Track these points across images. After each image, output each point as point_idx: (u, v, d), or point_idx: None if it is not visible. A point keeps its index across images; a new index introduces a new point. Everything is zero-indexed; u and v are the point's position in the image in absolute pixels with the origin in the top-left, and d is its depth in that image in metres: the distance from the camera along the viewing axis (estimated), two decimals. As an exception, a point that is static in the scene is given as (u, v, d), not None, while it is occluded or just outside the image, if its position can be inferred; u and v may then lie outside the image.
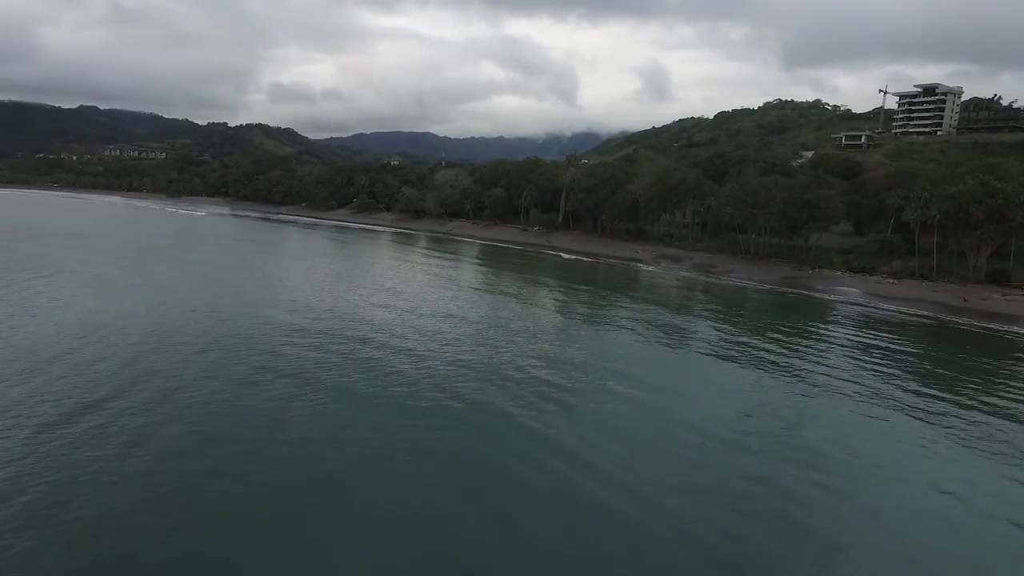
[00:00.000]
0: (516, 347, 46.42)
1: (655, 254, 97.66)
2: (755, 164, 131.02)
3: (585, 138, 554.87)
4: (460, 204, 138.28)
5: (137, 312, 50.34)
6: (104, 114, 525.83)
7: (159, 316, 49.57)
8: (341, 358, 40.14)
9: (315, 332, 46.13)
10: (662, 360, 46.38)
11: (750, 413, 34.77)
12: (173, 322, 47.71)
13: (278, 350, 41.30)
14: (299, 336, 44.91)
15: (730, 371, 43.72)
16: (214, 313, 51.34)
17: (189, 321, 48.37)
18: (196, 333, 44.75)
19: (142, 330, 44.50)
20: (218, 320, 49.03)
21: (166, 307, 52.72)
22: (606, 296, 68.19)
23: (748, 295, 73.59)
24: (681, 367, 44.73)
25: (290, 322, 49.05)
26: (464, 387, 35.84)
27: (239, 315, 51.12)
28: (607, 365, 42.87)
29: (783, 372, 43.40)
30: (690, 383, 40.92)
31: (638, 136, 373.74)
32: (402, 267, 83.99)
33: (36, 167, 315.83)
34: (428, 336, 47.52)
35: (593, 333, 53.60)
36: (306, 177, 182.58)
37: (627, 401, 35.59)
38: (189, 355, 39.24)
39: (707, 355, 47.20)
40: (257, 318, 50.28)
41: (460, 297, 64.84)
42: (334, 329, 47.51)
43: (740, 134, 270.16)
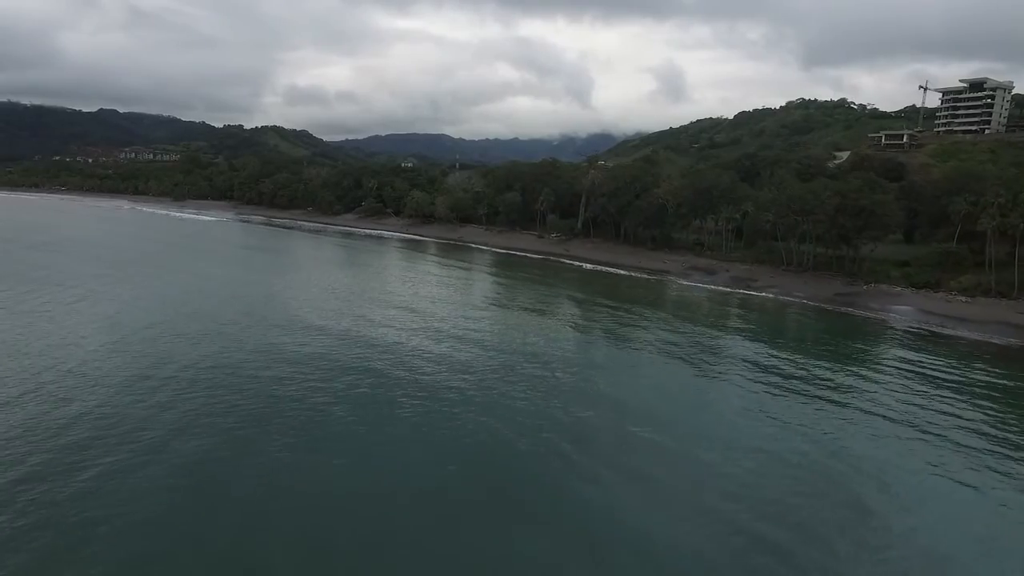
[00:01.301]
0: (535, 380, 40.17)
1: (685, 265, 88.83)
2: (788, 166, 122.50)
3: (600, 139, 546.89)
4: (472, 209, 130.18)
5: (124, 345, 44.27)
6: (123, 117, 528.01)
7: (147, 346, 43.60)
8: (349, 393, 36.71)
9: (321, 361, 42.12)
10: (704, 401, 38.62)
11: (807, 473, 28.35)
12: (163, 350, 43.12)
13: (280, 389, 36.78)
14: (305, 366, 40.85)
15: (788, 414, 36.06)
16: (212, 336, 46.57)
17: (182, 347, 43.75)
18: (186, 361, 40.39)
19: (127, 372, 38.86)
20: (219, 347, 44.08)
21: (157, 331, 46.04)
22: (635, 316, 59.67)
23: (797, 315, 64.70)
24: (729, 410, 36.68)
25: (294, 350, 44.39)
26: (479, 430, 32.37)
27: (239, 342, 45.66)
28: (638, 404, 37.08)
29: (857, 416, 36.24)
30: (740, 433, 33.16)
31: (655, 137, 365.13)
32: (411, 281, 76.01)
33: (45, 170, 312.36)
34: (439, 363, 42.53)
35: (623, 363, 45.66)
36: (312, 180, 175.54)
37: (661, 451, 30.87)
38: (174, 396, 35.27)
39: (761, 393, 38.99)
40: (260, 344, 45.35)
41: (474, 318, 56.99)
42: (341, 356, 43.21)
43: (764, 134, 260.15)
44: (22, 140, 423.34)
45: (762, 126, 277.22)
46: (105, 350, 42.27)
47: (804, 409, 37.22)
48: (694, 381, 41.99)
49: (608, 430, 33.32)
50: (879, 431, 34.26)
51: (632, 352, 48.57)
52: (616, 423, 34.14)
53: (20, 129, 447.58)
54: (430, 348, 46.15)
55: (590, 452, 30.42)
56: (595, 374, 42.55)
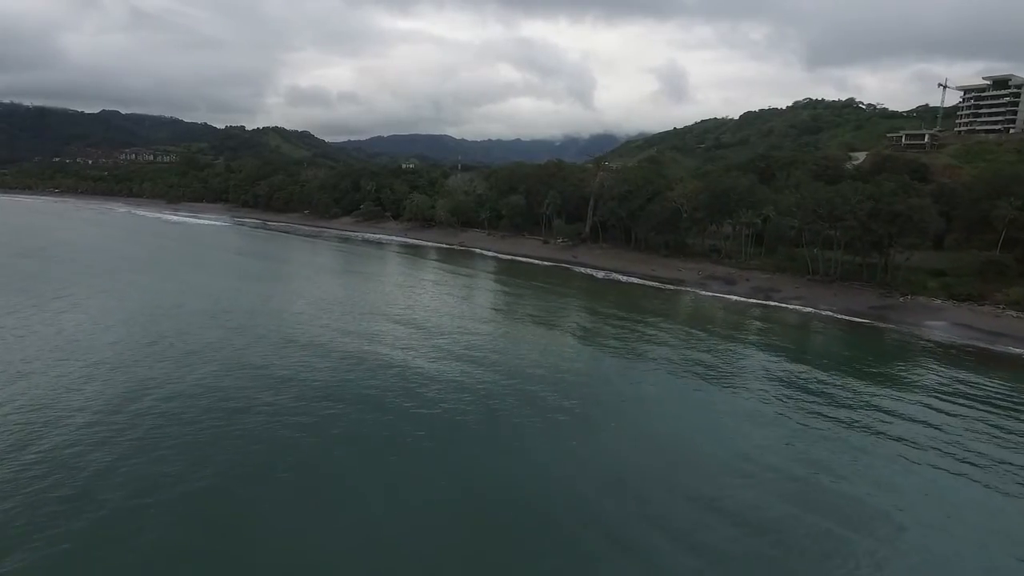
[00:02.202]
0: (553, 411, 34.91)
1: (702, 274, 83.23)
2: (805, 167, 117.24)
3: (603, 140, 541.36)
4: (474, 212, 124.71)
5: (92, 371, 38.58)
6: (125, 118, 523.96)
7: (118, 373, 38.12)
8: (345, 428, 31.99)
9: (315, 389, 37.03)
10: (734, 434, 32.74)
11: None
12: (136, 377, 37.57)
13: (263, 428, 31.21)
14: (296, 397, 35.64)
15: (834, 448, 31.02)
16: (191, 359, 41.15)
17: (159, 372, 38.49)
18: (161, 392, 34.87)
19: (97, 405, 33.40)
20: (198, 373, 38.77)
21: (128, 354, 40.55)
22: (654, 332, 54.01)
23: (828, 330, 59.10)
24: (774, 447, 30.99)
25: (283, 374, 39.05)
26: (496, 478, 27.96)
27: (222, 366, 40.35)
28: (668, 441, 32.40)
29: (910, 451, 30.81)
30: (785, 476, 27.61)
31: (658, 138, 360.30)
32: (411, 291, 70.41)
33: (40, 172, 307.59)
34: (446, 390, 37.57)
35: (648, 390, 40.20)
36: (309, 182, 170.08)
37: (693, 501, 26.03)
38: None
39: (806, 424, 33.44)
40: (244, 368, 40.10)
41: (481, 334, 51.57)
42: (335, 382, 38.15)
43: (772, 134, 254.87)
44: (23, 141, 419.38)
45: (770, 126, 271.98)
46: (68, 379, 36.70)
47: (851, 441, 32.47)
48: (729, 411, 36.46)
49: (638, 473, 28.17)
50: (933, 464, 29.38)
51: (656, 376, 43.00)
52: (647, 465, 28.96)
53: (21, 130, 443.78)
54: (435, 371, 40.74)
55: (623, 507, 25.12)
56: (620, 404, 37.33)
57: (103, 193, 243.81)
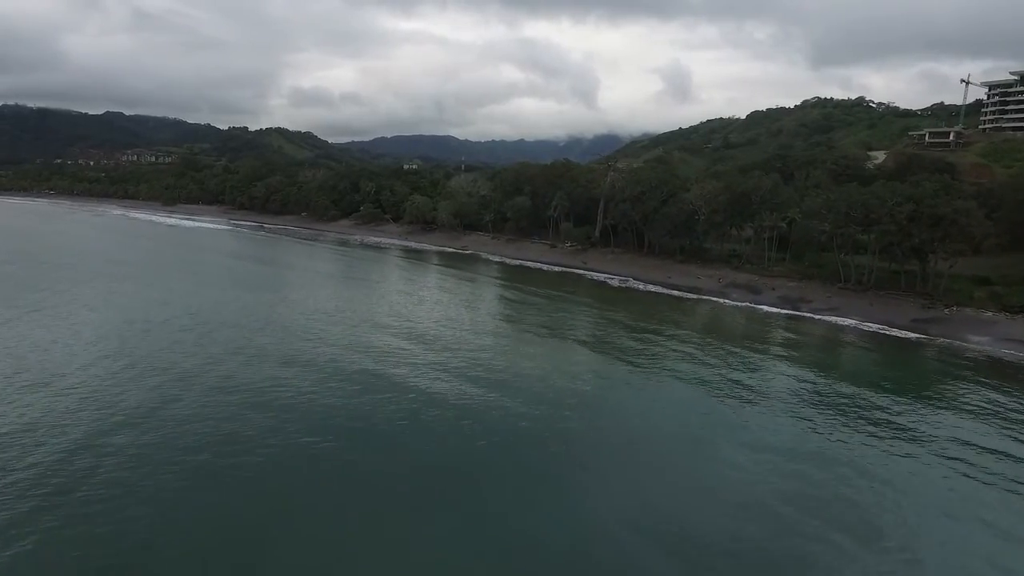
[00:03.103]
0: (579, 444, 29.69)
1: (723, 281, 77.64)
2: (823, 166, 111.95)
3: (607, 140, 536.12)
4: (478, 215, 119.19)
5: (52, 393, 33.55)
6: (128, 119, 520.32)
7: (85, 399, 32.55)
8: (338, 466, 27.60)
9: (306, 414, 32.84)
10: (774, 470, 27.05)
11: None
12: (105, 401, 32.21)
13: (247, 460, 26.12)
14: (287, 423, 31.34)
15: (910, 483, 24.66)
16: (169, 376, 36.78)
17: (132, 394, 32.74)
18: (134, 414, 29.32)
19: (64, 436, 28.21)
20: (172, 391, 34.65)
21: (95, 374, 35.09)
22: (680, 348, 48.43)
23: (869, 346, 53.53)
24: (832, 485, 25.36)
25: (271, 395, 34.54)
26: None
27: (198, 382, 36.22)
28: (691, 478, 26.39)
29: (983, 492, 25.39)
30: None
31: (664, 138, 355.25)
32: (413, 300, 64.84)
33: (37, 173, 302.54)
34: (453, 417, 33.36)
35: (670, 412, 34.61)
36: (307, 183, 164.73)
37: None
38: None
39: (871, 460, 27.78)
40: (225, 387, 35.85)
41: (489, 348, 46.63)
42: (331, 406, 34.05)
43: (781, 134, 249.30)
44: (26, 143, 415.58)
45: (779, 125, 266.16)
46: (27, 414, 31.43)
47: (905, 476, 27.45)
48: (766, 442, 30.95)
49: (679, 520, 22.82)
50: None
51: (683, 397, 37.75)
52: (680, 508, 23.75)
53: (24, 132, 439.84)
54: (440, 393, 36.04)
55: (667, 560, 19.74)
56: (645, 431, 32.25)
57: (99, 195, 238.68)
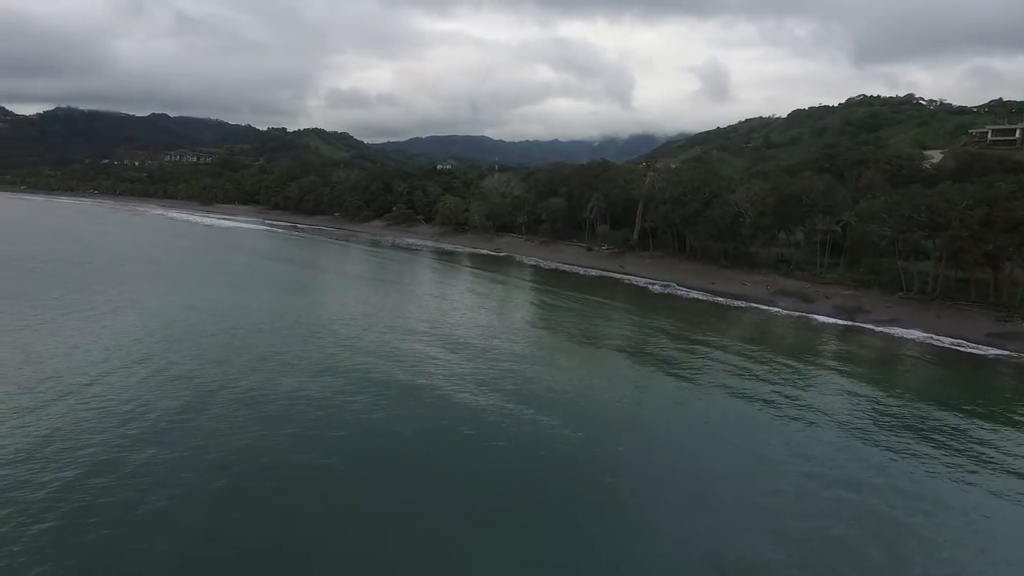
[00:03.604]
0: (617, 467, 26.21)
1: (771, 288, 73.18)
2: (876, 166, 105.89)
3: (642, 140, 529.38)
4: (511, 216, 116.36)
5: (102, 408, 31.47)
6: (173, 121, 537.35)
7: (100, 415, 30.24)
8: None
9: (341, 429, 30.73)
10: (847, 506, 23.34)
11: None
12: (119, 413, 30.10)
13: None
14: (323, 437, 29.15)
15: None
16: (192, 379, 34.24)
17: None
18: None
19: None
20: (187, 394, 32.12)
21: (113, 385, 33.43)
22: (724, 356, 44.67)
23: (941, 364, 48.82)
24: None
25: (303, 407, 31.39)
26: None
27: (225, 387, 34.04)
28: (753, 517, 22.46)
29: None
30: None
31: (701, 137, 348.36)
32: (444, 305, 62.29)
33: (84, 173, 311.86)
34: (482, 430, 31.49)
35: (727, 435, 30.79)
36: (340, 183, 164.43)
37: None
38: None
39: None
40: (252, 395, 32.75)
41: (531, 358, 43.58)
42: (366, 422, 31.73)
43: (826, 133, 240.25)
44: (77, 144, 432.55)
45: (823, 124, 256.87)
46: (50, 415, 29.90)
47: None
48: (835, 473, 27.20)
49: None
50: None
51: (743, 421, 34.00)
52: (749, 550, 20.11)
53: (75, 134, 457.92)
54: (478, 409, 33.72)
55: None
56: (703, 458, 28.43)
57: (141, 194, 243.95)
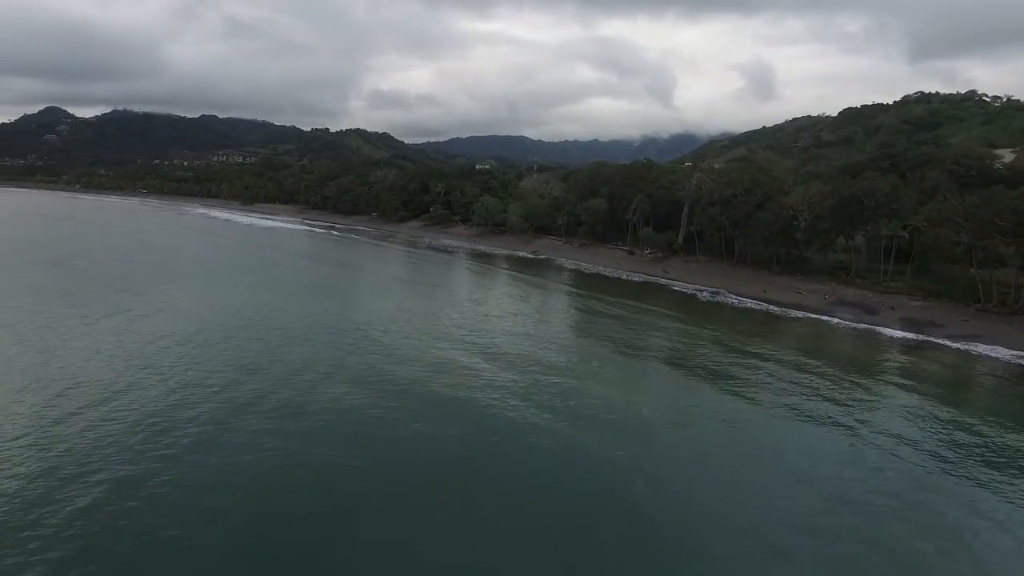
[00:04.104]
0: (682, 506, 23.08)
1: (829, 298, 68.14)
2: (942, 166, 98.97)
3: (683, 140, 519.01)
4: (549, 218, 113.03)
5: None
6: (221, 122, 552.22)
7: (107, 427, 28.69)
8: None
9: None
10: None
11: None
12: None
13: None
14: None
15: None
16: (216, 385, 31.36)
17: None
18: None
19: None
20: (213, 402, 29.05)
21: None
22: (787, 373, 40.53)
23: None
24: None
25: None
26: None
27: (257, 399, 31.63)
28: None
29: None
30: None
31: (745, 137, 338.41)
32: (482, 310, 59.51)
33: (133, 173, 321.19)
34: (515, 446, 29.76)
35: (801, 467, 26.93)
36: (378, 183, 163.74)
37: None
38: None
39: None
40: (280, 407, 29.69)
41: (578, 374, 40.11)
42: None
43: (880, 132, 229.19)
44: (131, 145, 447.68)
45: (877, 123, 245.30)
46: (78, 429, 28.37)
47: None
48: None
49: None
50: None
51: (811, 449, 30.09)
52: None
53: (130, 135, 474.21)
54: (525, 427, 31.44)
55: None
56: (778, 499, 24.79)
57: (186, 194, 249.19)
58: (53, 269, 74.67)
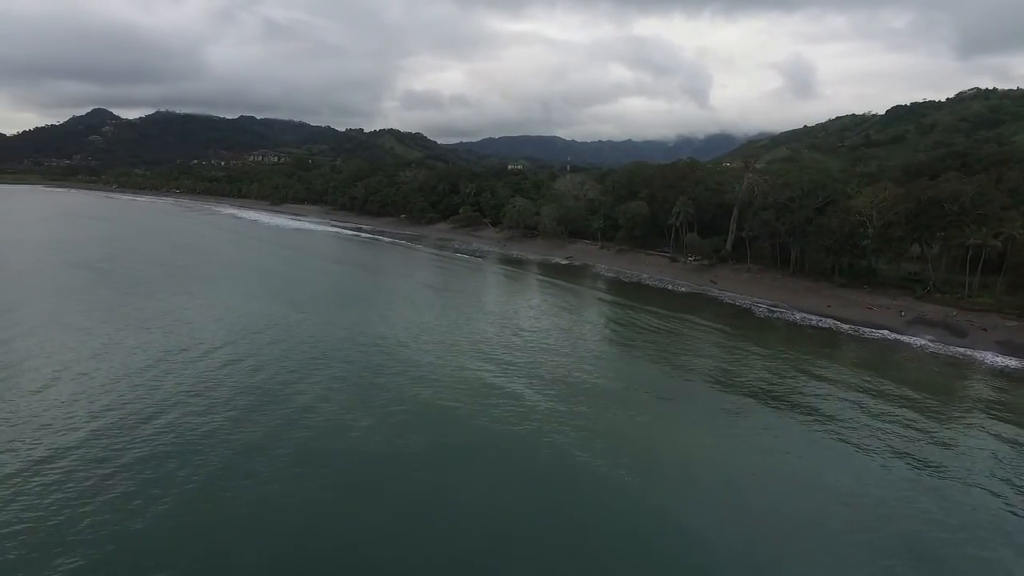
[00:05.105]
0: None
1: (906, 315, 60.33)
2: (1021, 165, 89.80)
3: (720, 140, 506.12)
4: (585, 221, 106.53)
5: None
6: (258, 123, 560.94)
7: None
8: None
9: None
10: None
11: None
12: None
13: None
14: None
15: None
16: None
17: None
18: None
19: None
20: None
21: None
22: (876, 407, 33.61)
23: None
24: None
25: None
26: None
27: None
28: None
29: None
30: None
31: (785, 137, 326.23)
32: (513, 324, 53.50)
33: (168, 173, 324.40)
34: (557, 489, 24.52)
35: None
36: (406, 184, 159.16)
37: None
38: None
39: None
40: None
41: (616, 404, 33.87)
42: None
43: (935, 130, 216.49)
44: (172, 145, 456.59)
45: (930, 120, 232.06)
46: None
47: None
48: None
49: None
50: None
51: (915, 507, 23.39)
52: None
53: (171, 136, 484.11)
54: (572, 467, 26.48)
55: None
56: None
57: (217, 193, 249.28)
58: (77, 271, 73.03)
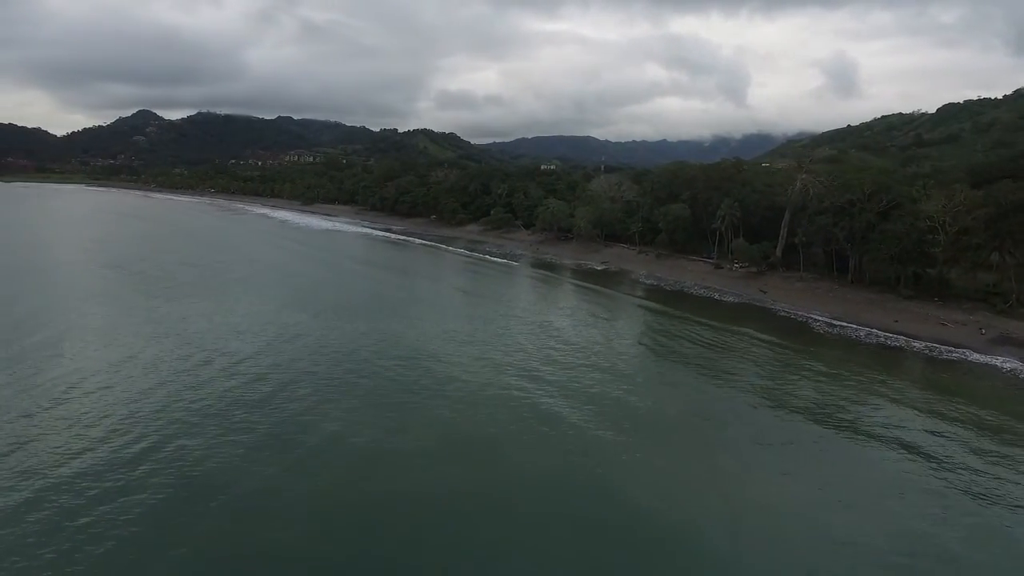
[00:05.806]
0: None
1: (987, 332, 54.14)
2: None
3: (757, 140, 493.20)
4: (622, 224, 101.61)
5: None
6: (296, 123, 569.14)
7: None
8: None
9: None
10: None
11: None
12: None
13: None
14: None
15: None
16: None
17: None
18: None
19: None
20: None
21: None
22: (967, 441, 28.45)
23: None
24: None
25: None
26: None
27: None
28: None
29: None
30: None
31: (827, 136, 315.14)
32: (552, 337, 49.23)
33: (204, 173, 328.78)
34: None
35: None
36: (437, 184, 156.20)
37: None
38: None
39: None
40: None
41: (665, 434, 29.42)
42: None
43: (994, 128, 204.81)
44: (212, 145, 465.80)
45: (988, 119, 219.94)
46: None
47: None
48: None
49: None
50: None
51: None
52: None
53: (211, 136, 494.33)
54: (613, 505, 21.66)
55: None
56: None
57: (251, 193, 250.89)
58: (108, 271, 71.76)
